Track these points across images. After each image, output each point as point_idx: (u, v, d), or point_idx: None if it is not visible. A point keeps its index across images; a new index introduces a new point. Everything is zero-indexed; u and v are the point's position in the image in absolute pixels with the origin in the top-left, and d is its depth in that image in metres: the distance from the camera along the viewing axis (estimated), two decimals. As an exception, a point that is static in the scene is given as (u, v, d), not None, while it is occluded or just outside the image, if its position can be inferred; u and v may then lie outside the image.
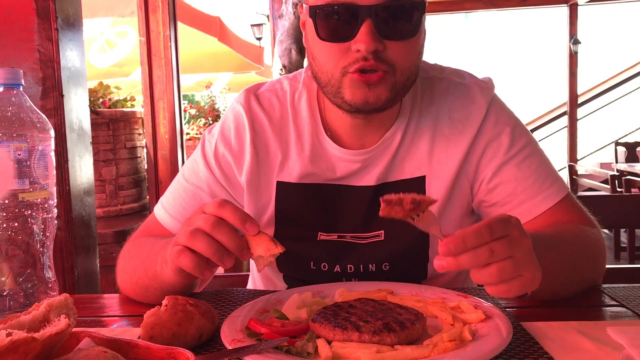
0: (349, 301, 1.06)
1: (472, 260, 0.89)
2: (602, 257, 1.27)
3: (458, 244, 0.88)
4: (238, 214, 1.02)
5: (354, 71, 1.16)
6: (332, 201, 1.34)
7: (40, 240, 1.08)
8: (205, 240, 1.00)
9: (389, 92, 1.19)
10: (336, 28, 1.15)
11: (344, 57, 1.16)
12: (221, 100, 6.95)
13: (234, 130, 1.37)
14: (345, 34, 1.14)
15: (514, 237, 0.92)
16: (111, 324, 1.15)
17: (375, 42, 1.12)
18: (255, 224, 1.02)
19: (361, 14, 1.11)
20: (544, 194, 1.29)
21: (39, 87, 1.89)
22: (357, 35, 1.13)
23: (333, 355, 0.88)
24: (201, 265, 1.02)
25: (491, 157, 1.32)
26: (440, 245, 0.89)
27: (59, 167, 1.93)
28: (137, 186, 3.74)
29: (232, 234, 1.01)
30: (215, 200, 1.04)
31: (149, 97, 3.81)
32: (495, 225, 0.90)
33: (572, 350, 0.93)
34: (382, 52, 1.15)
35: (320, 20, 1.16)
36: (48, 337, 0.74)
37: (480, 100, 1.34)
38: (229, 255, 1.01)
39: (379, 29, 1.12)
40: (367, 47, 1.12)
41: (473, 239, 0.88)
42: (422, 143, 1.33)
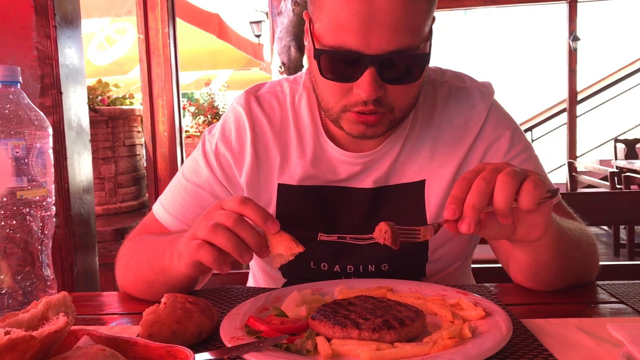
0: (348, 298, 1.06)
1: (477, 194, 0.92)
2: (597, 254, 1.29)
3: (454, 201, 0.94)
4: (260, 212, 1.04)
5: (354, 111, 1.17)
6: (332, 203, 1.35)
7: (39, 238, 1.07)
8: (227, 235, 1.01)
9: (387, 128, 1.22)
10: (339, 70, 1.15)
11: (346, 96, 1.17)
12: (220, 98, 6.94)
13: (235, 132, 1.37)
14: (348, 76, 1.14)
15: (492, 166, 0.96)
16: (110, 321, 1.14)
17: (376, 90, 1.12)
18: (276, 223, 1.04)
19: (365, 62, 1.10)
20: None
21: (38, 84, 1.88)
22: (359, 81, 1.12)
23: (332, 352, 0.88)
24: (220, 259, 1.03)
25: (490, 160, 1.33)
26: (446, 213, 0.94)
27: (58, 165, 1.92)
28: (136, 184, 3.74)
29: (253, 230, 1.02)
30: (236, 197, 1.06)
31: (148, 95, 3.80)
32: (468, 173, 0.97)
33: (571, 347, 0.93)
34: (383, 97, 1.15)
35: (324, 62, 1.15)
36: (46, 335, 0.73)
37: (480, 105, 1.35)
38: (248, 251, 1.03)
39: (382, 76, 1.12)
40: (368, 95, 1.12)
41: (459, 191, 0.95)
42: (423, 148, 1.34)
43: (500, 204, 0.92)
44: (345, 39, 1.09)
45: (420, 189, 1.33)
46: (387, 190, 1.34)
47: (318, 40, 1.15)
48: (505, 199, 0.92)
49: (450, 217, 0.94)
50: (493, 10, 11.98)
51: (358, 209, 1.34)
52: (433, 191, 1.33)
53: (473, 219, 0.93)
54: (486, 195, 0.93)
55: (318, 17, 1.14)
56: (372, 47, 1.08)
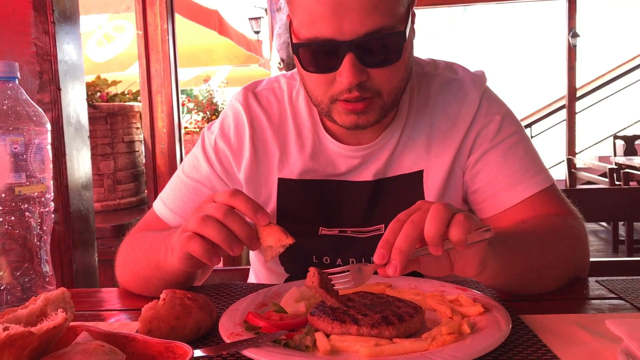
0: (347, 294, 1.06)
1: (404, 238, 0.91)
2: (582, 249, 1.27)
3: (384, 245, 0.93)
4: (250, 203, 1.03)
5: (341, 100, 1.18)
6: (332, 197, 1.36)
7: (37, 234, 1.07)
8: (217, 226, 1.01)
9: (378, 114, 1.22)
10: (320, 62, 1.16)
11: (331, 87, 1.18)
12: (219, 95, 6.93)
13: (234, 128, 1.38)
14: (329, 67, 1.15)
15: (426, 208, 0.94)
16: (109, 317, 1.14)
17: (357, 75, 1.12)
18: (267, 215, 1.03)
19: (342, 49, 1.11)
20: (526, 183, 1.29)
21: (36, 80, 1.88)
22: (339, 69, 1.13)
23: (331, 348, 0.88)
24: (210, 251, 1.03)
25: (479, 145, 1.34)
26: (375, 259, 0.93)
27: (57, 161, 1.92)
28: (135, 180, 3.73)
29: (243, 222, 1.02)
30: (227, 190, 1.06)
31: (147, 91, 3.79)
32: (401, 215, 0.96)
33: (570, 343, 0.93)
34: (367, 81, 1.16)
35: (304, 55, 1.16)
36: (45, 331, 0.73)
37: (473, 94, 1.36)
38: (238, 243, 1.02)
39: (361, 60, 1.12)
40: (349, 81, 1.12)
41: (390, 234, 0.94)
42: (419, 138, 1.34)
43: (429, 232, 0.90)
44: (319, 29, 1.10)
45: (419, 179, 1.34)
46: (386, 182, 1.35)
47: (296, 37, 1.17)
48: (435, 229, 0.90)
49: (379, 261, 0.93)
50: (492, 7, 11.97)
51: (358, 202, 1.35)
52: (431, 181, 1.34)
53: (399, 262, 0.91)
54: (414, 238, 0.92)
55: (294, 14, 1.17)
56: (346, 33, 1.09)
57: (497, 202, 1.31)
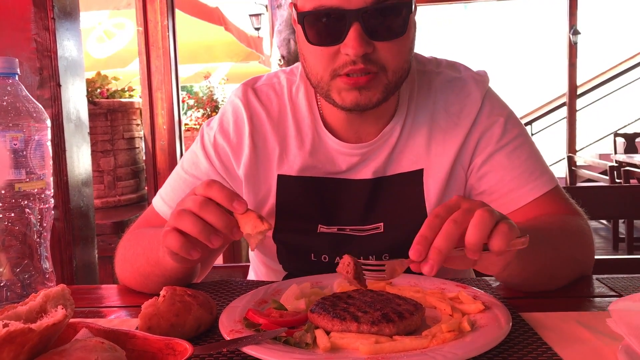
0: (347, 292, 1.06)
1: (445, 238, 0.89)
2: (589, 249, 1.28)
3: (421, 242, 0.90)
4: (225, 192, 1.01)
5: (343, 74, 1.16)
6: (331, 194, 1.35)
7: (37, 230, 1.07)
8: (192, 219, 0.99)
9: (381, 93, 1.20)
10: (324, 33, 1.15)
11: (333, 60, 1.16)
12: (219, 91, 6.92)
13: (233, 124, 1.37)
14: (334, 38, 1.14)
15: (465, 206, 0.93)
16: (109, 314, 1.14)
17: (363, 46, 1.12)
18: (243, 202, 1.01)
19: (348, 18, 1.10)
20: (532, 184, 1.29)
21: (36, 77, 1.87)
22: (345, 39, 1.12)
23: (332, 345, 0.88)
24: (187, 245, 1.01)
25: (484, 147, 1.33)
26: (410, 255, 0.91)
27: (57, 158, 1.92)
28: (135, 177, 3.73)
29: (219, 212, 1.00)
30: (204, 181, 1.04)
31: (147, 88, 3.79)
32: (440, 210, 0.93)
33: (571, 340, 0.92)
34: (372, 54, 1.15)
35: (308, 25, 1.15)
36: (45, 328, 0.73)
37: (475, 94, 1.35)
38: (217, 234, 1.01)
39: (367, 31, 1.12)
40: (355, 51, 1.11)
41: (429, 230, 0.91)
42: (419, 137, 1.34)
43: (472, 239, 0.89)
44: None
45: (419, 178, 1.33)
46: (386, 181, 1.34)
47: (300, 10, 1.16)
48: (478, 237, 0.89)
49: (415, 258, 0.90)
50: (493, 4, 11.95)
51: (358, 200, 1.35)
52: (432, 180, 1.33)
53: (437, 262, 0.89)
54: (455, 238, 0.90)
55: None
56: (353, 1, 1.09)
57: (504, 204, 1.30)
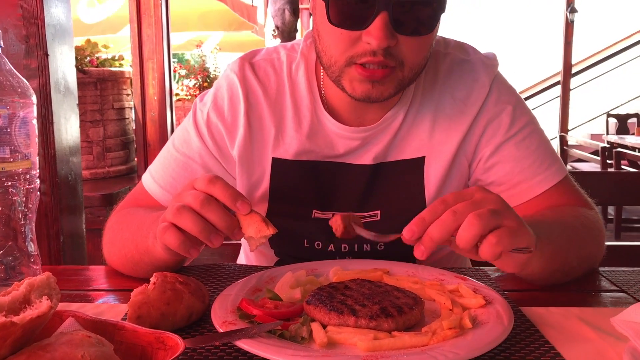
0: (344, 282, 1.02)
1: (440, 227, 0.88)
2: (602, 239, 1.25)
3: (418, 223, 0.89)
4: (229, 191, 0.96)
5: (359, 63, 1.10)
6: (328, 179, 1.30)
7: (22, 211, 1.02)
8: (192, 217, 0.95)
9: (394, 89, 1.15)
10: (349, 15, 1.07)
11: (353, 46, 1.09)
12: (211, 60, 6.81)
13: (228, 101, 1.30)
14: (358, 23, 1.07)
15: (476, 198, 0.91)
16: (97, 298, 1.11)
17: (388, 37, 1.05)
18: (247, 203, 0.97)
19: (378, 5, 1.03)
20: (542, 175, 1.26)
21: (22, 45, 1.80)
22: (369, 27, 1.05)
23: (328, 340, 0.85)
24: (186, 243, 0.97)
25: (491, 136, 1.29)
26: (404, 233, 0.90)
27: (44, 130, 1.86)
28: (125, 148, 3.66)
29: (221, 212, 0.96)
30: (206, 176, 0.99)
31: (138, 57, 3.69)
32: (448, 197, 0.91)
33: (573, 339, 0.90)
34: (394, 48, 1.08)
35: (334, 5, 1.07)
36: (28, 321, 0.69)
37: (483, 79, 1.30)
38: (217, 234, 0.96)
39: (394, 22, 1.05)
40: (378, 42, 1.05)
41: (430, 214, 0.90)
42: (423, 123, 1.29)
43: (461, 240, 0.88)
44: None
45: (420, 165, 1.29)
46: (385, 167, 1.29)
47: None
48: (466, 241, 0.87)
49: (407, 237, 0.90)
50: (491, -21, 11.79)
51: (355, 185, 1.30)
52: (433, 168, 1.29)
53: (428, 249, 0.89)
54: (450, 230, 0.88)
55: None
56: None
57: (514, 195, 1.26)
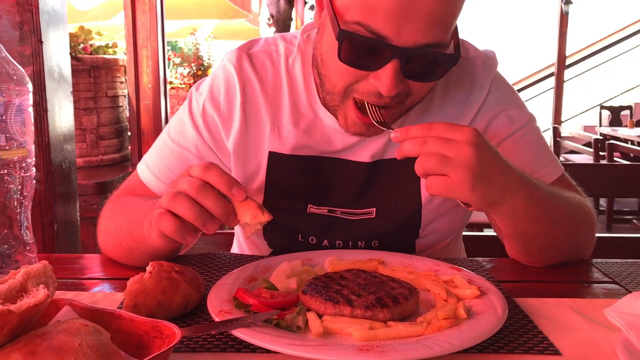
0: (340, 272, 1.03)
1: (410, 146, 0.96)
2: (594, 227, 1.26)
3: (403, 130, 0.98)
4: (225, 178, 0.97)
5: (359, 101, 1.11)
6: (325, 174, 1.30)
7: (18, 199, 1.02)
8: (188, 203, 0.95)
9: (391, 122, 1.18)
10: (360, 56, 1.05)
11: (358, 82, 1.09)
12: (205, 48, 6.76)
13: (224, 92, 1.29)
14: (368, 65, 1.05)
15: (455, 140, 0.93)
16: (92, 287, 1.11)
17: (397, 86, 1.05)
18: (243, 190, 0.97)
19: (392, 53, 1.01)
20: (540, 172, 1.26)
21: (16, 31, 1.79)
22: (379, 72, 1.04)
23: (324, 330, 0.86)
24: (182, 229, 0.97)
25: (491, 135, 1.30)
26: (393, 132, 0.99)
27: (38, 118, 1.85)
28: (119, 136, 3.65)
29: (217, 198, 0.96)
30: (201, 163, 0.99)
31: (132, 45, 3.66)
32: (439, 126, 0.95)
33: (567, 330, 0.91)
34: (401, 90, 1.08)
35: (346, 44, 1.04)
36: (26, 309, 0.69)
37: (482, 79, 1.31)
38: (213, 220, 0.97)
39: (405, 70, 1.03)
40: (388, 90, 1.04)
41: (415, 130, 0.97)
42: (424, 122, 1.28)
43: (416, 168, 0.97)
44: (376, 20, 0.99)
45: None
46: (383, 164, 1.29)
47: (341, 16, 1.04)
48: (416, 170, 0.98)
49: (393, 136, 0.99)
50: (486, -31, 11.76)
51: (352, 182, 1.30)
52: None
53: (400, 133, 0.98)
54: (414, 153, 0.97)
55: None
56: (404, 38, 1.00)
57: None
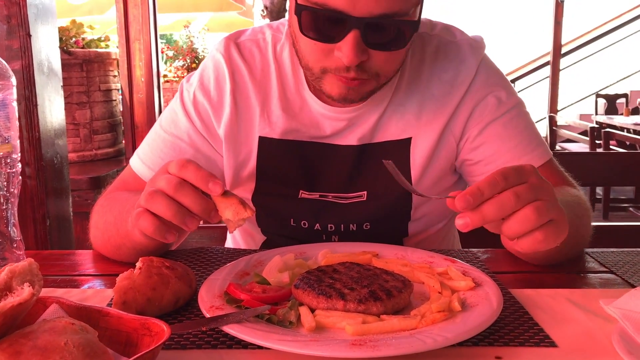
0: (332, 265, 1.01)
1: (497, 208, 0.82)
2: (590, 219, 1.25)
3: (475, 194, 0.82)
4: (200, 174, 0.93)
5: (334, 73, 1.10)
6: (315, 159, 1.30)
7: (4, 195, 1.00)
8: (165, 202, 0.92)
9: (370, 93, 1.17)
10: (321, 30, 1.07)
11: (326, 57, 1.10)
12: (199, 41, 6.73)
13: (214, 80, 1.30)
14: (329, 37, 1.06)
15: (534, 182, 0.86)
16: (83, 283, 1.09)
17: (358, 55, 1.05)
18: (220, 184, 0.93)
19: (349, 24, 1.02)
20: (528, 156, 1.26)
21: (4, 25, 1.76)
22: (341, 43, 1.05)
23: (317, 324, 0.84)
24: (161, 228, 0.94)
25: (478, 117, 1.29)
26: (458, 200, 0.82)
27: (28, 112, 1.83)
28: (112, 130, 3.62)
29: (195, 195, 0.93)
30: (178, 160, 0.96)
31: (124, 38, 3.63)
32: (509, 173, 0.85)
33: (562, 321, 0.90)
34: (366, 62, 1.08)
35: (305, 18, 1.07)
36: (10, 308, 0.68)
37: (470, 60, 1.29)
38: (192, 218, 0.93)
39: (366, 39, 1.04)
40: (349, 60, 1.04)
41: (489, 188, 0.82)
42: (410, 105, 1.28)
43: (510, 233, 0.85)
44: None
45: (406, 146, 1.29)
46: (371, 148, 1.29)
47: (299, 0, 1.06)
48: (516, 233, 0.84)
49: (461, 206, 0.82)
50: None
51: (341, 166, 1.30)
52: (419, 149, 1.28)
53: (474, 224, 0.83)
54: (506, 213, 0.83)
55: None
56: (358, 9, 1.01)
57: None
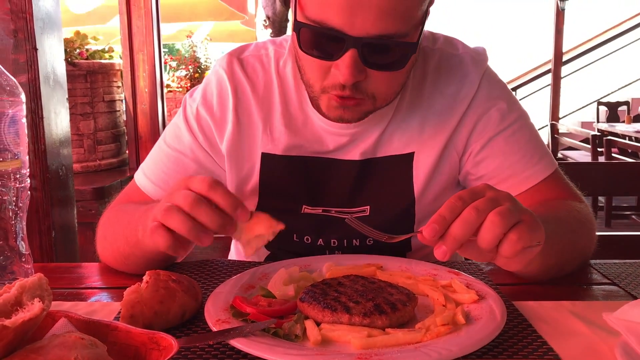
0: (337, 278, 1.02)
1: (463, 225, 0.85)
2: (594, 232, 1.25)
3: (439, 221, 0.85)
4: (229, 200, 0.94)
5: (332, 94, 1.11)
6: (318, 175, 1.31)
7: (13, 210, 1.02)
8: (181, 218, 0.93)
9: (366, 114, 1.18)
10: (319, 46, 1.08)
11: (324, 76, 1.11)
12: (202, 50, 6.76)
13: (217, 96, 1.31)
14: (328, 54, 1.07)
15: (490, 195, 0.89)
16: (90, 296, 1.10)
17: (355, 75, 1.05)
18: (246, 211, 0.95)
19: (347, 43, 1.03)
20: (531, 170, 1.26)
21: (11, 39, 1.78)
22: (338, 61, 1.05)
23: (322, 338, 0.85)
24: (175, 244, 0.95)
25: (481, 131, 1.29)
26: (425, 231, 0.86)
27: (34, 125, 1.84)
28: (116, 141, 3.64)
29: (212, 213, 0.93)
30: (205, 178, 0.96)
31: (128, 49, 3.65)
32: (464, 194, 0.88)
33: (566, 334, 0.91)
34: (363, 82, 1.09)
35: (304, 35, 1.08)
36: (21, 324, 0.69)
37: (472, 74, 1.29)
38: (207, 233, 0.94)
39: (364, 58, 1.04)
40: (346, 78, 1.05)
41: (449, 212, 0.86)
42: (413, 119, 1.29)
43: (485, 243, 0.85)
44: (329, 15, 1.02)
45: (409, 161, 1.29)
46: (374, 163, 1.30)
47: (301, 11, 1.07)
48: (490, 241, 0.85)
49: (429, 237, 0.85)
50: (482, -33, 11.75)
51: (344, 181, 1.30)
52: (421, 164, 1.29)
53: (450, 249, 0.85)
54: (473, 227, 0.85)
55: None
56: (356, 29, 1.01)
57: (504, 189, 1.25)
